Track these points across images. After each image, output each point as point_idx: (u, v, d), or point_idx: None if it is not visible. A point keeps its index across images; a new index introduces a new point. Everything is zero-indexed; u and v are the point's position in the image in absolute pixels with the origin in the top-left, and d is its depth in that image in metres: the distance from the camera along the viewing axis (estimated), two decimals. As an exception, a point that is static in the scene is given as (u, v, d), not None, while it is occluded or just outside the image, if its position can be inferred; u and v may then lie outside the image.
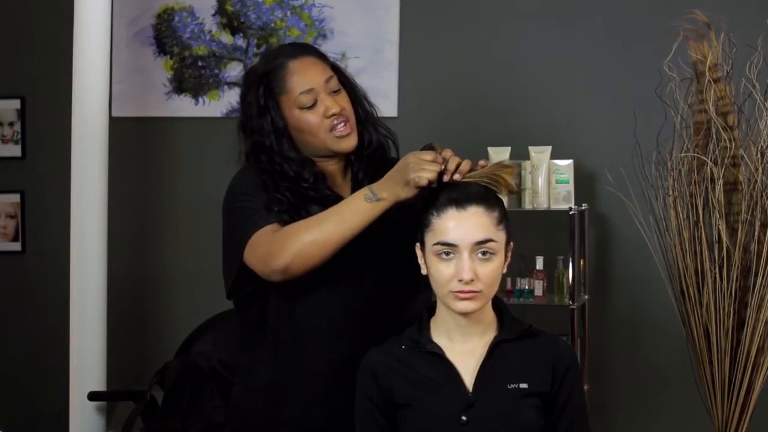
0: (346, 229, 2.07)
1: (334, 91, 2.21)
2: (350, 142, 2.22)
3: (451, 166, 2.03)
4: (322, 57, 2.26)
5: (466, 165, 2.04)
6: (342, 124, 2.20)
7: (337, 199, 2.19)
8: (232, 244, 2.19)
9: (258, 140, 2.22)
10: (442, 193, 1.99)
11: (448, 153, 2.06)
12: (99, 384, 3.49)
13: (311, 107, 2.19)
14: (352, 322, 2.18)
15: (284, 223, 2.14)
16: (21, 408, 4.14)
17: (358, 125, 2.25)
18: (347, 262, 2.12)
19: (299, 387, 2.20)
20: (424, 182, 2.02)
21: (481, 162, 2.07)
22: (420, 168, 2.02)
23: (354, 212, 2.08)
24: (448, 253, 1.95)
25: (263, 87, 2.21)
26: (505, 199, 2.06)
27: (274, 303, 2.20)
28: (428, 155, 2.04)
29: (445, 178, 2.03)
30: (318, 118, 2.19)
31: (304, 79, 2.20)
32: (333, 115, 2.19)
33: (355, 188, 2.26)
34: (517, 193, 3.53)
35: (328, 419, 2.18)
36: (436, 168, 2.02)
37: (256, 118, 2.22)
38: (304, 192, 2.19)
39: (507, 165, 2.06)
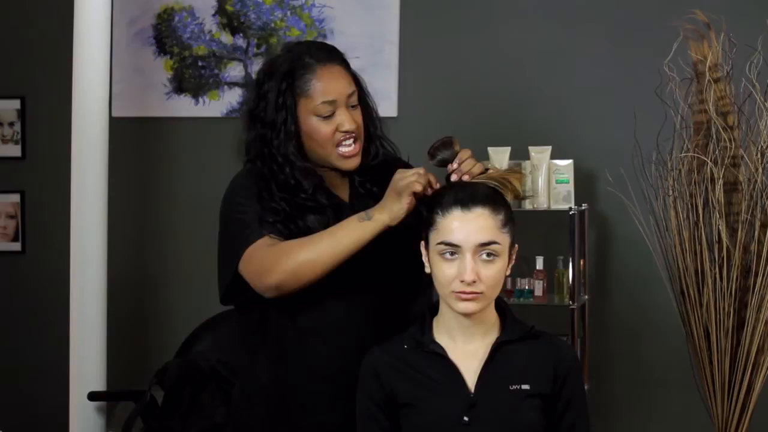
0: (339, 250, 2.08)
1: (353, 106, 2.20)
2: (353, 163, 2.21)
3: (465, 168, 2.04)
4: (348, 67, 2.23)
5: (477, 168, 2.05)
6: (350, 142, 2.19)
7: (334, 206, 2.18)
8: (227, 255, 2.19)
9: (264, 133, 2.19)
10: (448, 193, 1.99)
11: (466, 153, 2.06)
12: (99, 384, 3.49)
13: (327, 117, 2.17)
14: (354, 323, 2.18)
15: (279, 233, 2.14)
16: (21, 408, 4.14)
17: (366, 140, 2.24)
18: (349, 264, 2.12)
19: (303, 389, 2.20)
20: (417, 188, 2.03)
21: (491, 169, 2.07)
22: (406, 177, 2.04)
23: (347, 233, 2.08)
24: (451, 254, 1.95)
25: (286, 83, 2.17)
26: (508, 200, 2.06)
27: (276, 306, 2.19)
28: (410, 170, 2.07)
29: (454, 178, 2.03)
30: (330, 129, 2.17)
31: (329, 88, 2.17)
32: (346, 131, 2.18)
33: (353, 190, 2.26)
34: (522, 199, 3.53)
35: (333, 421, 2.18)
36: (422, 174, 2.04)
37: (272, 111, 2.18)
38: (301, 202, 2.18)
39: (516, 171, 2.06)
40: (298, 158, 2.18)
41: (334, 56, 2.22)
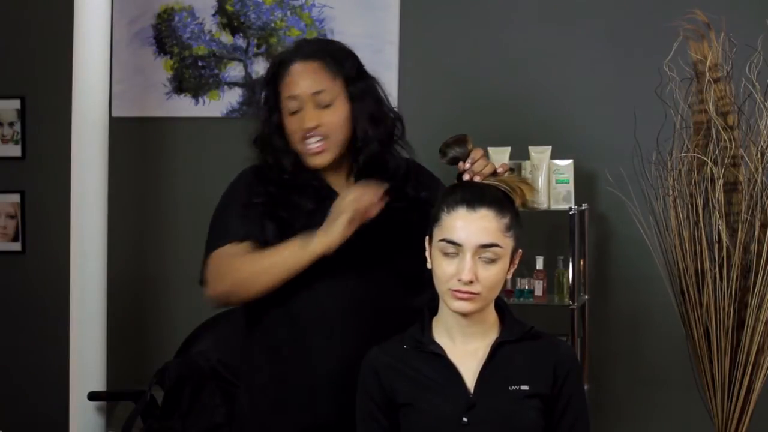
0: (278, 271, 2.13)
1: (325, 106, 2.19)
2: (319, 161, 2.22)
3: (477, 168, 2.04)
4: (333, 63, 2.23)
5: (489, 168, 2.05)
6: (314, 140, 2.20)
7: (319, 188, 2.21)
8: (204, 254, 2.28)
9: (260, 119, 2.27)
10: (457, 191, 1.99)
11: (478, 153, 2.06)
12: (99, 384, 3.49)
13: (294, 113, 2.20)
14: (352, 320, 2.18)
15: (255, 232, 2.18)
16: (21, 408, 4.14)
17: (356, 143, 2.23)
18: (348, 259, 2.13)
19: (302, 386, 2.20)
20: (355, 212, 2.06)
21: (501, 168, 2.06)
22: (344, 199, 2.07)
23: (287, 256, 2.13)
24: (452, 252, 1.95)
25: (270, 74, 2.25)
26: (516, 204, 2.05)
27: (269, 302, 2.20)
28: (352, 191, 2.10)
29: (466, 177, 2.03)
30: (295, 126, 2.21)
31: (294, 84, 2.20)
32: (305, 128, 2.19)
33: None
34: (528, 208, 3.52)
35: (332, 417, 2.18)
36: (363, 194, 2.08)
37: (262, 102, 2.27)
38: (285, 182, 2.21)
39: (531, 184, 2.06)
40: (280, 141, 2.22)
41: (318, 54, 2.23)
